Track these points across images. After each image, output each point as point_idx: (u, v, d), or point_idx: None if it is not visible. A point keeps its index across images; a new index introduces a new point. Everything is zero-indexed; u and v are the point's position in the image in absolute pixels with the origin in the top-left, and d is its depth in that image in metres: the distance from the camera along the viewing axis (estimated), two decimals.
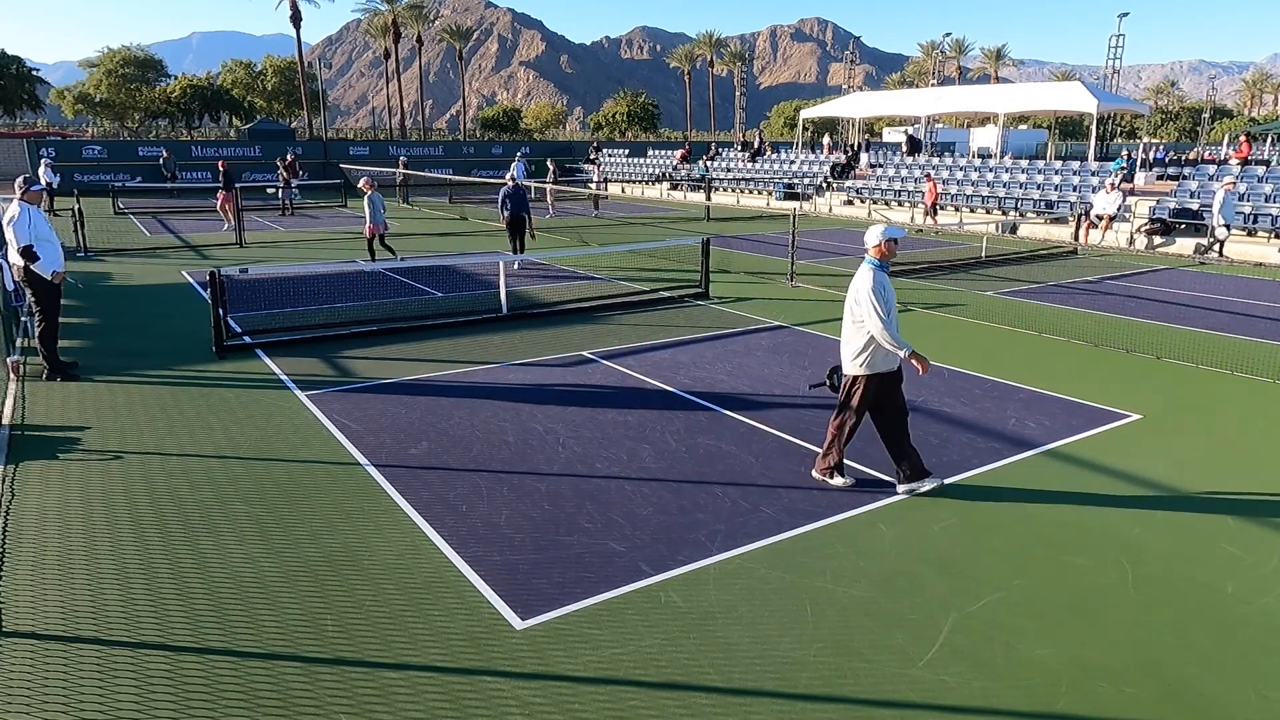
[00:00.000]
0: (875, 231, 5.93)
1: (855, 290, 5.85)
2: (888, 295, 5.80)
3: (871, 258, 5.91)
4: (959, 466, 6.55)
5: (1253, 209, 19.93)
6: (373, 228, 15.77)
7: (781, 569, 5.00)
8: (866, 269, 5.87)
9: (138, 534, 5.38)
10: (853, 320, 5.89)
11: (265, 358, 9.74)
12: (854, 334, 5.89)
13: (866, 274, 5.82)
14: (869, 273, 5.82)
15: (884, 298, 5.75)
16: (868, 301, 5.72)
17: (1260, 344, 10.74)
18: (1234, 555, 5.20)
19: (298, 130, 61.50)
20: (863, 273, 5.87)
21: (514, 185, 16.25)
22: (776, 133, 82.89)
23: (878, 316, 5.69)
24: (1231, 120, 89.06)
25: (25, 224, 8.55)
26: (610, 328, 11.48)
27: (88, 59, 66.32)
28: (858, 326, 5.84)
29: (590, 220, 26.84)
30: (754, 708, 3.80)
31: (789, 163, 35.56)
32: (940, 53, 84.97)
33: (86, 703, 3.79)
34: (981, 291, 14.46)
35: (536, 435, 7.21)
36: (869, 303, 5.71)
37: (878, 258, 5.89)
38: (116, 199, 29.56)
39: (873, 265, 5.88)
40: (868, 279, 5.78)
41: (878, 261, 5.88)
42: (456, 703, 3.82)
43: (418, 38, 77.93)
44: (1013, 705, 3.82)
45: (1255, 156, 27.32)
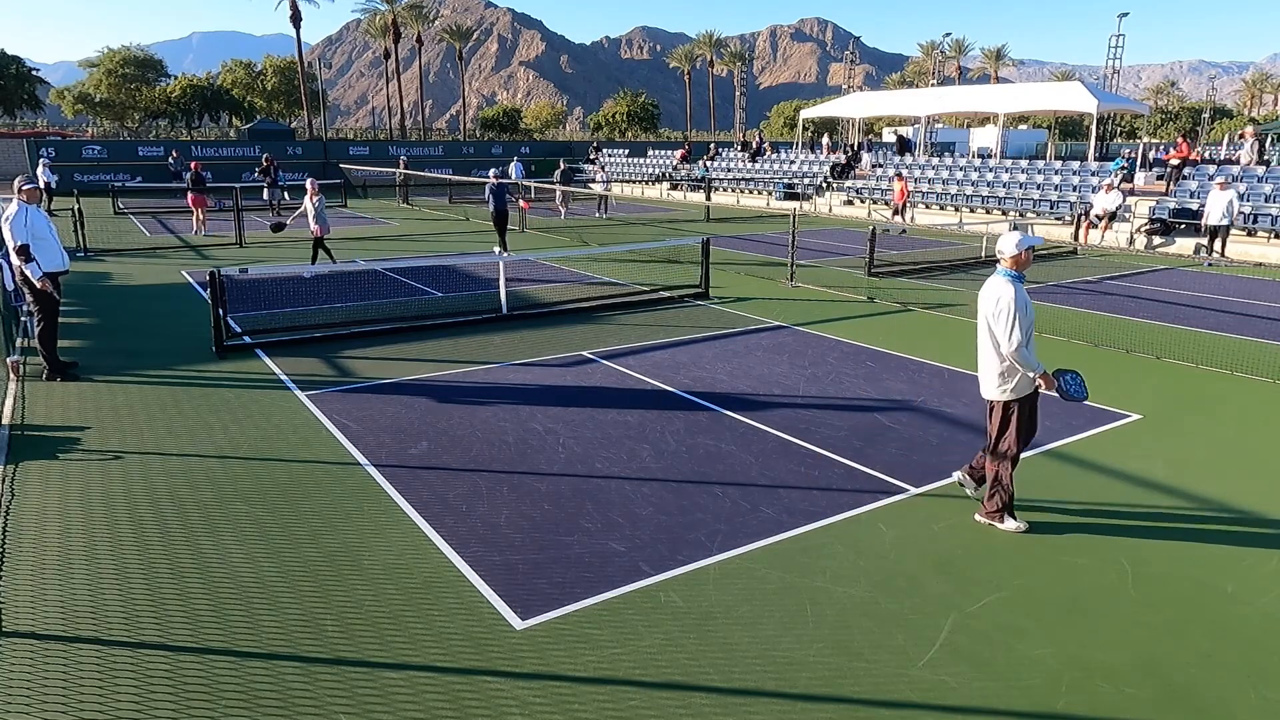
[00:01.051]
0: (1011, 239, 5.32)
1: (993, 304, 5.23)
2: (1030, 313, 5.28)
3: (1006, 269, 5.32)
4: (959, 466, 6.53)
5: (1253, 209, 19.94)
6: (319, 229, 15.57)
7: (781, 569, 5.00)
8: (1004, 282, 5.25)
9: (138, 534, 5.38)
10: (992, 340, 5.29)
11: (265, 358, 9.74)
12: (994, 356, 5.32)
13: (1005, 287, 5.21)
14: (1008, 286, 5.21)
15: (1026, 315, 5.21)
16: (1008, 317, 5.13)
17: (1260, 344, 10.74)
18: (1234, 555, 5.20)
19: (298, 130, 61.50)
20: (999, 285, 5.25)
21: (496, 182, 18.07)
22: (776, 133, 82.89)
23: (1018, 334, 5.13)
24: (1232, 120, 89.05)
25: (21, 223, 8.53)
26: (610, 328, 11.48)
27: (88, 59, 66.33)
28: (995, 346, 5.28)
29: (594, 221, 26.79)
30: (754, 708, 3.80)
31: (789, 163, 35.57)
32: (940, 53, 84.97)
33: (86, 703, 3.79)
34: None
35: (536, 435, 7.21)
36: (1009, 319, 5.13)
37: (1013, 269, 5.31)
38: (116, 199, 29.56)
39: (1008, 277, 5.28)
40: (1008, 292, 5.18)
41: (1014, 273, 5.30)
42: (456, 703, 3.82)
43: (418, 38, 77.93)
44: (1013, 705, 3.82)
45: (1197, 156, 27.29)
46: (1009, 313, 5.12)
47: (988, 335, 5.31)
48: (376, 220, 26.72)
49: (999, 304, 5.18)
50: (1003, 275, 5.31)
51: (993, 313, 5.21)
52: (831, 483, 6.25)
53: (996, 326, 5.20)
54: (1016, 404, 5.35)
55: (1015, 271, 5.30)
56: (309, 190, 15.46)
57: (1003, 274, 5.31)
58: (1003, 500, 5.48)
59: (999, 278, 5.32)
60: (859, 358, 9.92)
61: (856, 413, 7.89)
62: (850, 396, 8.40)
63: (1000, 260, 5.37)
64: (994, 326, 5.22)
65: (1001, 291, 5.20)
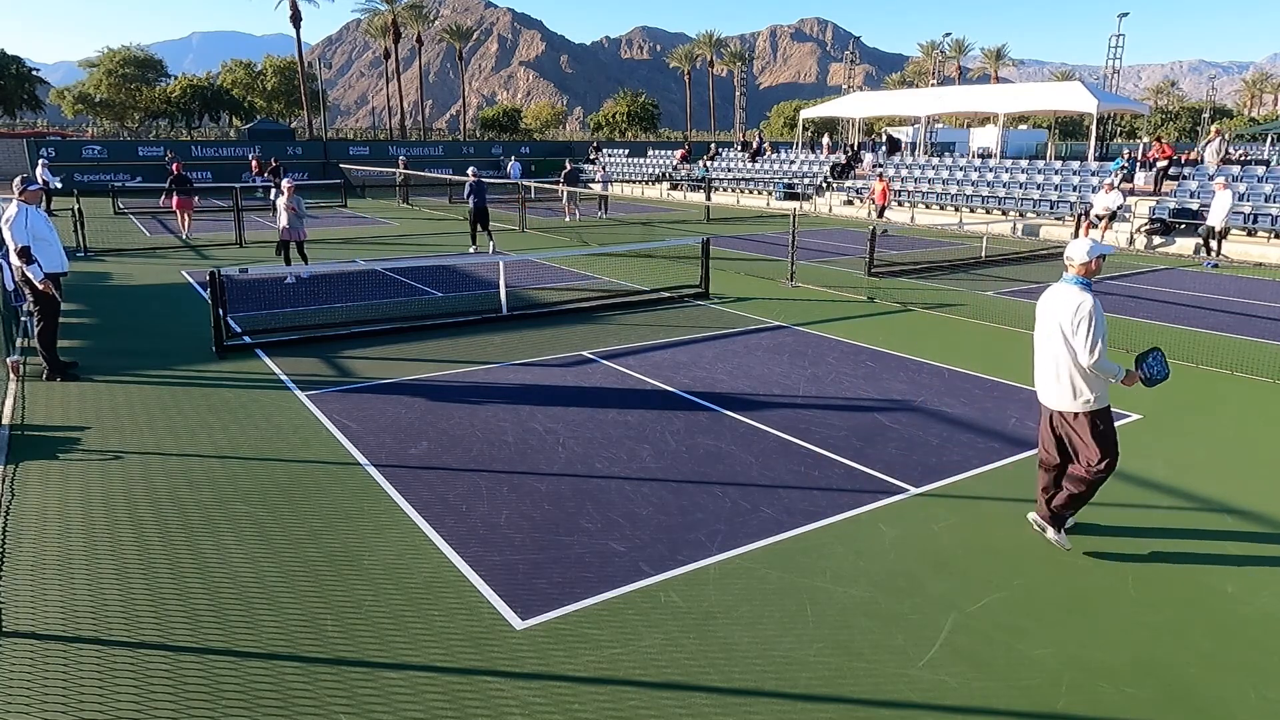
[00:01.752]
0: (1083, 246, 5.04)
1: (1070, 314, 4.94)
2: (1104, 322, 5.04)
3: (1076, 276, 5.06)
4: (959, 466, 6.55)
5: (1253, 209, 19.94)
6: (290, 233, 14.95)
7: (781, 569, 5.00)
8: (1076, 290, 4.98)
9: (138, 534, 5.38)
10: (1068, 351, 4.98)
11: (265, 358, 9.74)
12: (1073, 368, 5.00)
13: (1080, 296, 4.94)
14: (1085, 295, 4.94)
15: (1103, 325, 4.96)
16: (1089, 328, 4.86)
17: (1260, 344, 10.74)
18: (1234, 555, 5.20)
19: (297, 130, 61.51)
20: (1074, 294, 4.98)
21: (476, 180, 18.94)
22: (776, 133, 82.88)
23: (1101, 344, 4.91)
24: (1232, 120, 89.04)
25: (22, 225, 8.53)
26: (610, 328, 11.48)
27: (88, 59, 66.33)
28: (1072, 357, 4.97)
29: (595, 221, 26.77)
30: (754, 708, 3.80)
31: (789, 163, 35.57)
32: (940, 53, 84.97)
33: (86, 703, 3.79)
34: (981, 291, 14.46)
35: (536, 435, 7.21)
36: (1090, 329, 4.86)
37: (1083, 276, 5.05)
38: (116, 199, 29.56)
39: (1080, 284, 5.02)
40: (1088, 301, 4.90)
41: (1085, 280, 5.04)
42: (456, 703, 3.82)
43: (418, 38, 77.92)
44: (1013, 705, 3.82)
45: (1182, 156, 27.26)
46: (1090, 322, 4.85)
47: (1062, 346, 4.99)
48: (376, 220, 26.71)
49: (1078, 313, 4.87)
50: (1074, 283, 5.01)
51: (1070, 323, 4.90)
52: (831, 483, 6.25)
53: (1077, 338, 4.88)
54: (1105, 410, 5.10)
55: (1085, 279, 5.01)
56: (285, 189, 14.91)
57: (1073, 282, 5.02)
58: (1071, 509, 5.25)
59: (1071, 286, 5.01)
60: (859, 358, 9.93)
61: (856, 412, 7.89)
62: (850, 396, 8.40)
63: (1069, 267, 5.07)
64: (1073, 338, 4.91)
65: (1080, 300, 4.90)
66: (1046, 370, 5.17)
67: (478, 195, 18.90)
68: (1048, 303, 5.17)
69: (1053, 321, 5.06)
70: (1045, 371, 5.18)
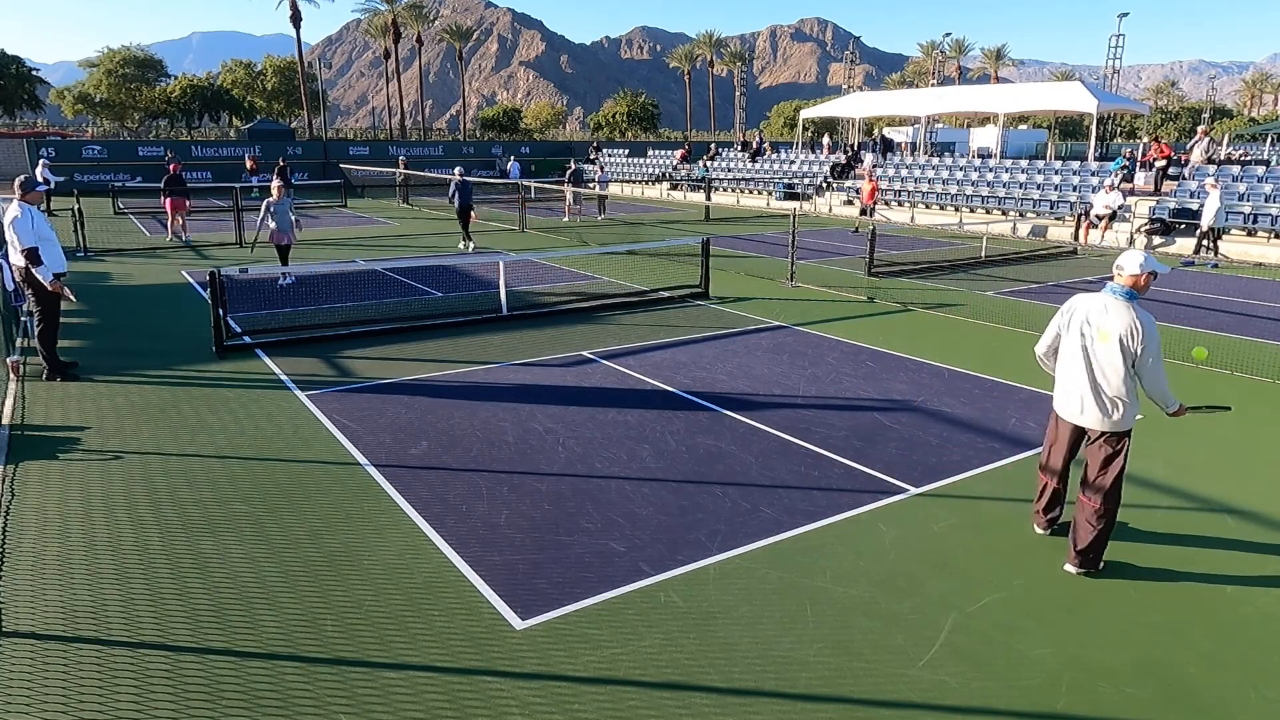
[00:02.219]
0: (1135, 259, 4.72)
1: (1132, 333, 4.59)
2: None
3: (1125, 288, 4.74)
4: (959, 466, 6.55)
5: (1253, 209, 19.94)
6: (278, 235, 14.37)
7: (781, 569, 5.00)
8: (1131, 307, 4.64)
9: (138, 534, 5.38)
10: (1125, 369, 4.64)
11: (265, 358, 9.74)
12: (1122, 386, 4.67)
13: (1141, 314, 4.62)
14: (1142, 312, 4.63)
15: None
16: (1157, 351, 4.63)
17: (1260, 344, 10.74)
18: (1234, 555, 5.20)
19: (297, 130, 61.50)
20: (1130, 312, 4.63)
21: (461, 179, 19.41)
22: (776, 133, 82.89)
23: (1162, 368, 4.73)
24: (1232, 120, 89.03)
25: (28, 225, 8.54)
26: (610, 328, 11.48)
27: (88, 59, 66.32)
28: (1129, 373, 4.65)
29: (594, 221, 26.75)
30: (754, 708, 3.80)
31: (789, 163, 35.57)
32: (940, 53, 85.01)
33: (86, 703, 3.79)
34: (981, 291, 14.46)
35: (536, 435, 7.21)
36: (1158, 354, 4.64)
37: (1132, 287, 4.73)
38: (116, 199, 29.56)
39: (1130, 298, 4.70)
40: (1149, 321, 4.60)
41: (1134, 294, 4.73)
42: (456, 703, 3.82)
43: (418, 38, 77.93)
44: (1013, 705, 3.82)
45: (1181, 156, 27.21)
46: (1158, 345, 4.60)
47: (1117, 361, 4.64)
48: (376, 220, 26.71)
49: (1146, 334, 4.57)
50: (1124, 298, 4.67)
51: (1135, 343, 4.57)
52: (831, 483, 6.25)
53: (1145, 361, 4.61)
54: (1130, 431, 4.82)
55: (1134, 292, 4.69)
56: (274, 190, 14.32)
57: (1123, 295, 4.68)
58: (1104, 543, 4.89)
59: (1122, 301, 4.66)
60: (859, 358, 9.93)
61: (856, 413, 7.89)
62: (850, 396, 8.40)
63: (1117, 276, 4.74)
64: (1140, 360, 4.61)
65: (1143, 319, 4.60)
66: (1083, 384, 4.78)
67: (463, 195, 19.44)
68: (1094, 313, 4.75)
69: (1108, 335, 4.63)
70: (1082, 385, 4.78)
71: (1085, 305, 4.83)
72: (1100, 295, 4.82)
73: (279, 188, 14.51)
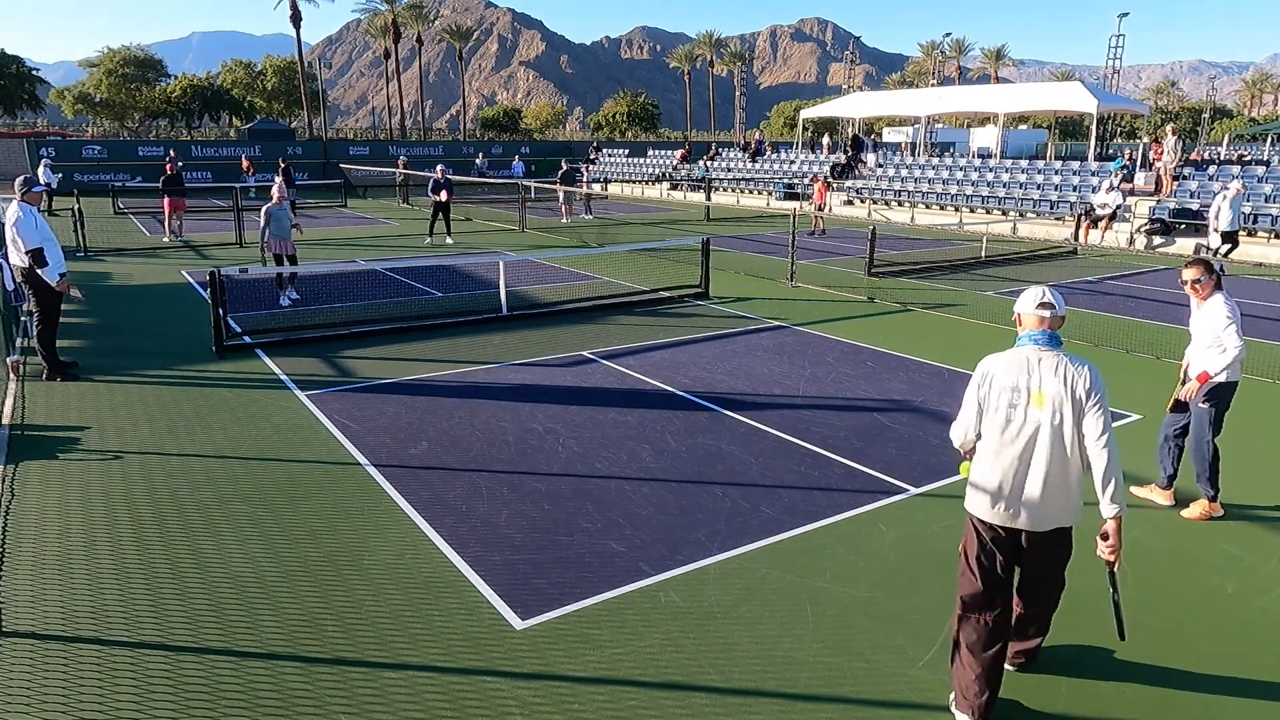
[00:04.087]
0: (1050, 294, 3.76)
1: (1070, 386, 3.58)
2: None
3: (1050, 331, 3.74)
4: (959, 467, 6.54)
5: (1253, 209, 19.94)
6: (275, 243, 13.34)
7: (781, 569, 5.00)
8: (1057, 354, 3.66)
9: (138, 534, 5.38)
10: (1075, 436, 3.63)
11: (265, 358, 9.74)
12: (1069, 459, 3.62)
13: (1071, 359, 3.66)
14: (1072, 358, 3.68)
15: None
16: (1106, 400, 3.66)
17: (1260, 344, 10.74)
18: (1234, 555, 5.20)
19: (297, 130, 61.51)
20: (1057, 360, 3.64)
21: (444, 177, 20.12)
22: (776, 133, 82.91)
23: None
24: (1232, 120, 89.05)
25: (31, 226, 8.54)
26: (610, 328, 11.48)
27: (88, 59, 66.33)
28: (1077, 443, 3.63)
29: (582, 222, 26.72)
30: (754, 708, 3.80)
31: (789, 163, 35.56)
32: (940, 53, 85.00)
33: (86, 703, 3.79)
34: (981, 291, 14.46)
35: (536, 435, 7.21)
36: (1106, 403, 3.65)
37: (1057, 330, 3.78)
38: (116, 199, 29.55)
39: (1057, 344, 3.73)
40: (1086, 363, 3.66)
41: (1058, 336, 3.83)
42: (456, 703, 3.82)
43: (418, 38, 77.94)
44: (1012, 705, 3.81)
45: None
46: (1105, 395, 3.66)
47: (1062, 432, 3.59)
48: (376, 220, 26.71)
49: (1089, 381, 3.60)
50: (1052, 346, 3.69)
51: (1082, 391, 3.59)
52: (831, 483, 6.25)
53: (1096, 414, 3.58)
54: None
55: (1059, 336, 3.76)
56: (274, 193, 13.41)
57: (1049, 343, 3.69)
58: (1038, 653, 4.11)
59: (1053, 351, 3.67)
60: (859, 358, 9.93)
61: (856, 413, 7.89)
62: (850, 396, 8.40)
63: (1036, 322, 3.74)
64: (1091, 415, 3.58)
65: (1082, 365, 3.64)
66: (1021, 472, 3.63)
67: (448, 190, 20.24)
68: (1019, 375, 3.65)
69: (1044, 397, 3.61)
70: (1019, 474, 3.63)
71: (1004, 369, 3.69)
72: (1019, 352, 3.70)
73: (278, 190, 13.57)
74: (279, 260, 13.21)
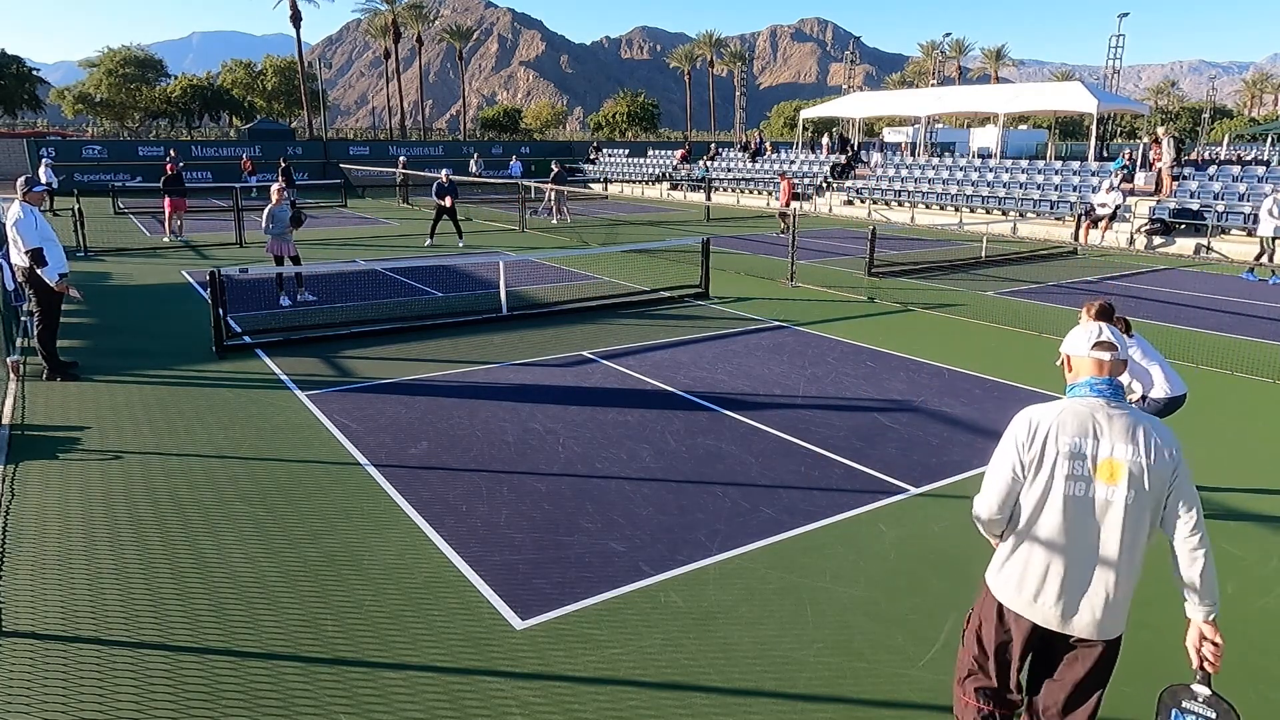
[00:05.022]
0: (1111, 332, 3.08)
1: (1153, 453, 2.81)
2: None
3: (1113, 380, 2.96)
4: (959, 466, 6.55)
5: (1253, 209, 19.94)
6: (279, 246, 13.05)
7: (781, 569, 5.00)
8: (1128, 412, 2.91)
9: (138, 534, 5.38)
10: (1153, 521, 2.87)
11: (265, 358, 9.74)
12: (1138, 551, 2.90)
13: (1147, 419, 2.97)
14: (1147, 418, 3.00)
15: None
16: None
17: (1260, 344, 10.74)
18: (1234, 555, 5.20)
19: (297, 130, 61.50)
20: (1130, 419, 2.87)
21: (448, 180, 20.00)
22: (776, 133, 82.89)
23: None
24: (1232, 120, 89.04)
25: (31, 226, 8.54)
26: (610, 328, 11.48)
27: (88, 59, 66.33)
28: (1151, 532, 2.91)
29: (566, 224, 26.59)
30: (754, 708, 3.80)
31: (789, 163, 35.57)
32: (940, 53, 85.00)
33: (86, 703, 3.79)
34: (981, 291, 14.46)
35: (536, 435, 7.21)
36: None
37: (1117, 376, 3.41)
38: (116, 199, 29.55)
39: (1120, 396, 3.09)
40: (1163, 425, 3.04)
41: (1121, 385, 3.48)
42: (456, 703, 3.82)
43: (418, 38, 77.93)
44: None
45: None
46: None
47: (1135, 515, 2.80)
48: (376, 220, 26.71)
49: (1174, 449, 2.87)
50: (1118, 398, 2.89)
51: (1167, 464, 2.83)
52: (831, 483, 6.25)
53: (1184, 494, 2.84)
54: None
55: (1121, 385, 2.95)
56: (273, 194, 12.94)
57: (1115, 394, 2.88)
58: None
59: (1124, 408, 2.86)
60: (859, 358, 9.93)
61: (856, 413, 7.89)
62: (850, 396, 8.40)
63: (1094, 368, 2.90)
64: (1177, 494, 2.83)
65: (1161, 427, 2.90)
66: (1074, 562, 2.85)
67: (452, 195, 19.99)
68: (1082, 436, 2.80)
69: (1118, 468, 2.77)
70: (1070, 564, 2.86)
71: (1058, 426, 2.83)
72: (1077, 405, 2.86)
73: (279, 190, 13.09)
74: (279, 261, 13.05)
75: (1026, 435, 2.86)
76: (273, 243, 12.99)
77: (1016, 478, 2.88)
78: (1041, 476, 2.83)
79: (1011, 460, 2.88)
